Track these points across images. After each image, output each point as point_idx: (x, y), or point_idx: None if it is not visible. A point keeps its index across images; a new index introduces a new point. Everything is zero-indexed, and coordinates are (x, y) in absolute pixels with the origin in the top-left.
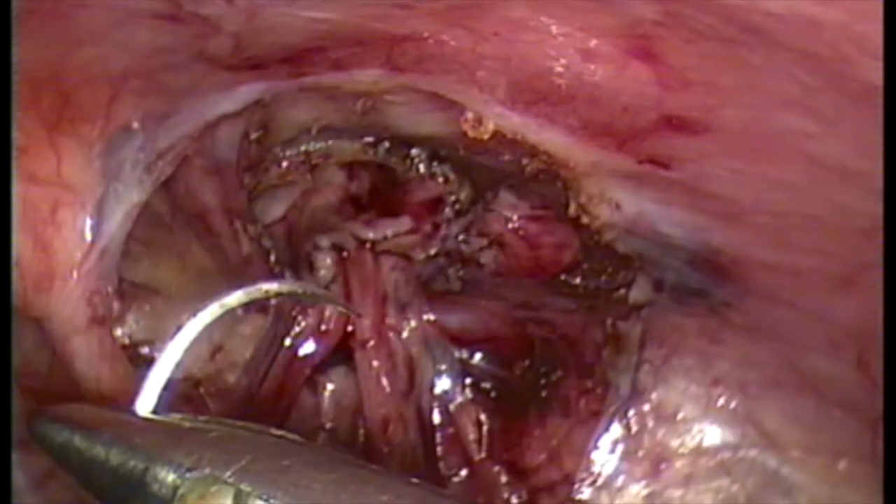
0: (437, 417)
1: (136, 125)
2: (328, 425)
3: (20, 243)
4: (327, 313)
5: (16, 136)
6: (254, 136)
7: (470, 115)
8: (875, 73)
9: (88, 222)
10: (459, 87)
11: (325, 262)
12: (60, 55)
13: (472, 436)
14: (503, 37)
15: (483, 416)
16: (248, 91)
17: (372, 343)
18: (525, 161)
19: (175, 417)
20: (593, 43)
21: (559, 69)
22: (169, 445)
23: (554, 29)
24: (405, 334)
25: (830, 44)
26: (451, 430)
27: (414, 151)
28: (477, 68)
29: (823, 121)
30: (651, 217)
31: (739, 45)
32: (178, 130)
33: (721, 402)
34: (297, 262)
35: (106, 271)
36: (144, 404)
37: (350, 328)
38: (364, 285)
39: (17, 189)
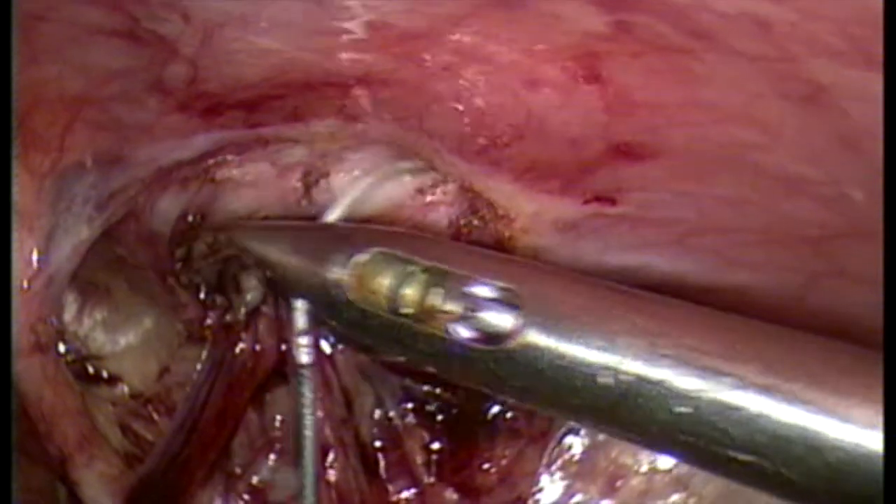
0: (381, 442)
1: (89, 163)
2: (277, 446)
3: None
4: (260, 333)
5: None
6: (191, 218)
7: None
8: (823, 71)
9: (35, 250)
10: (411, 135)
11: (252, 283)
12: (17, 72)
13: (419, 459)
14: (452, 71)
15: (430, 439)
16: (203, 140)
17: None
18: (463, 222)
19: None
20: (541, 69)
21: (507, 104)
22: None
23: (502, 57)
24: (340, 362)
25: (778, 44)
26: (397, 453)
27: None
28: (427, 114)
29: (768, 130)
30: (586, 268)
31: (686, 54)
32: (132, 173)
33: None
34: (225, 286)
35: (51, 300)
36: None
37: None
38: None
39: None
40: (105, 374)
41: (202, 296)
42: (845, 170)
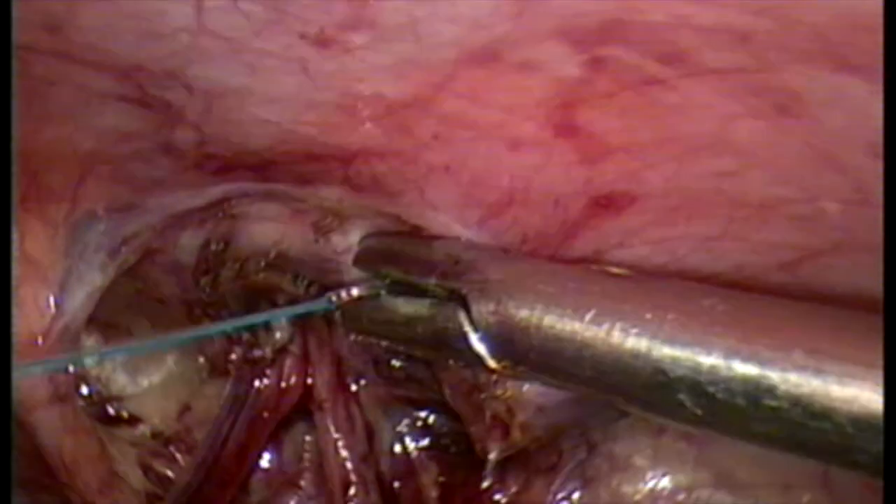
0: (398, 477)
1: (101, 211)
2: (301, 482)
3: None
4: (286, 371)
5: None
6: (214, 247)
7: None
8: (797, 77)
9: (50, 299)
10: (415, 207)
11: (282, 323)
12: (30, 132)
13: (434, 493)
14: (441, 140)
15: (443, 472)
16: (216, 190)
17: (329, 405)
18: None
19: None
20: (520, 128)
21: (494, 170)
22: None
23: (484, 119)
24: (363, 398)
25: (755, 53)
26: (412, 487)
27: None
28: (425, 185)
29: (740, 153)
30: None
31: (657, 85)
32: (144, 220)
33: (669, 450)
34: (254, 325)
35: (67, 349)
36: None
37: (310, 381)
38: (321, 345)
39: None
40: (125, 415)
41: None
42: (819, 183)
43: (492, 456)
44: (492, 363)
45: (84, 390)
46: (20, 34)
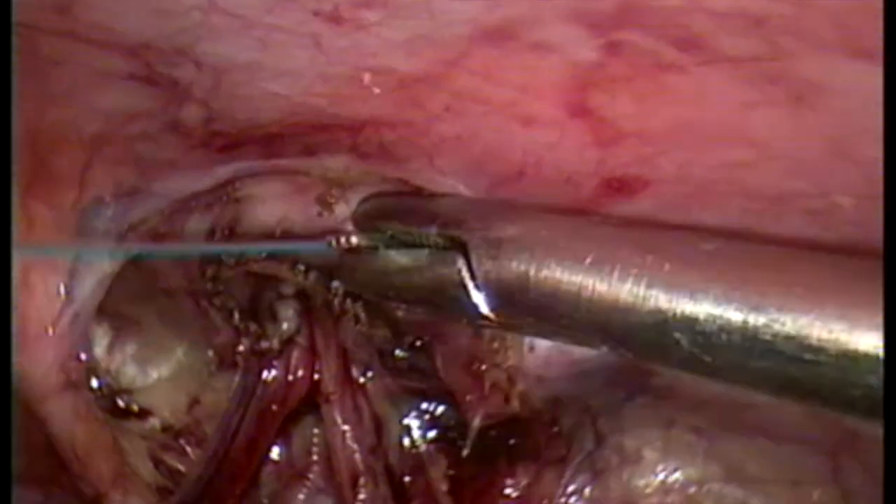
0: (408, 470)
1: (108, 197)
2: (310, 474)
3: None
4: (293, 363)
5: None
6: (218, 233)
7: None
8: (817, 67)
9: (60, 287)
10: (423, 173)
11: (288, 314)
12: (35, 115)
13: (444, 486)
14: (453, 112)
15: (452, 466)
16: (222, 171)
17: (336, 397)
18: None
19: None
20: (534, 106)
21: (506, 143)
22: None
23: (497, 96)
24: (370, 390)
25: (771, 40)
26: (422, 481)
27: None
28: (435, 153)
29: (757, 144)
30: None
31: (673, 71)
32: (150, 204)
33: (679, 443)
34: (261, 314)
35: (79, 337)
36: None
37: (317, 376)
38: (327, 337)
39: None
40: (135, 408)
41: (236, 320)
42: (834, 177)
43: (475, 423)
44: (489, 313)
45: (94, 383)
46: (27, 14)
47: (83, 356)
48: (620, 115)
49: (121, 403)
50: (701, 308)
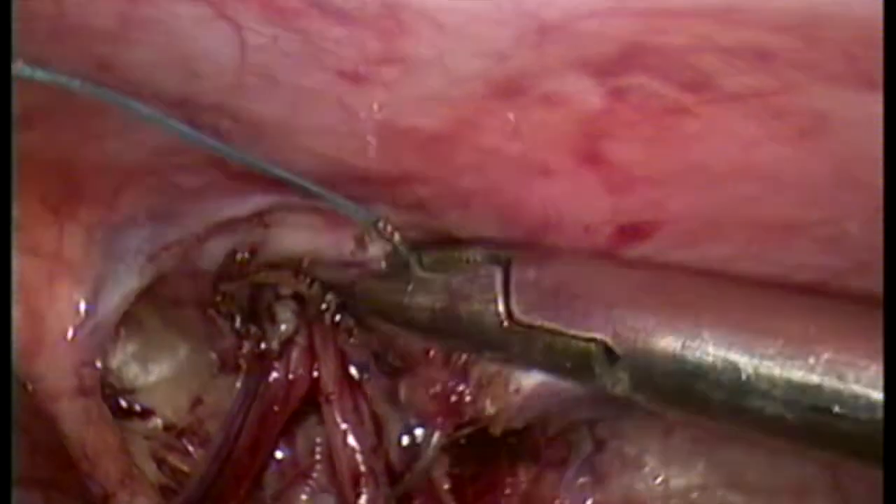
0: (408, 468)
1: (142, 218)
2: (314, 474)
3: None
4: (293, 363)
5: (17, 211)
6: (239, 256)
7: None
8: (822, 97)
9: (83, 298)
10: (458, 225)
11: (286, 315)
12: (72, 144)
13: (446, 485)
14: (478, 168)
15: (455, 465)
16: (260, 199)
17: (336, 396)
18: None
19: None
20: (550, 158)
21: (527, 198)
22: None
23: (515, 150)
24: (369, 390)
25: (778, 74)
26: (424, 480)
27: None
28: (465, 207)
29: (764, 178)
30: None
31: (679, 113)
32: (186, 227)
33: (679, 451)
34: (259, 316)
35: (96, 346)
36: None
37: (315, 374)
38: (325, 338)
39: (16, 259)
40: (137, 408)
41: (238, 325)
42: (843, 205)
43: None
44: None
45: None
46: (68, 66)
47: (98, 364)
48: (630, 161)
49: (123, 403)
50: None
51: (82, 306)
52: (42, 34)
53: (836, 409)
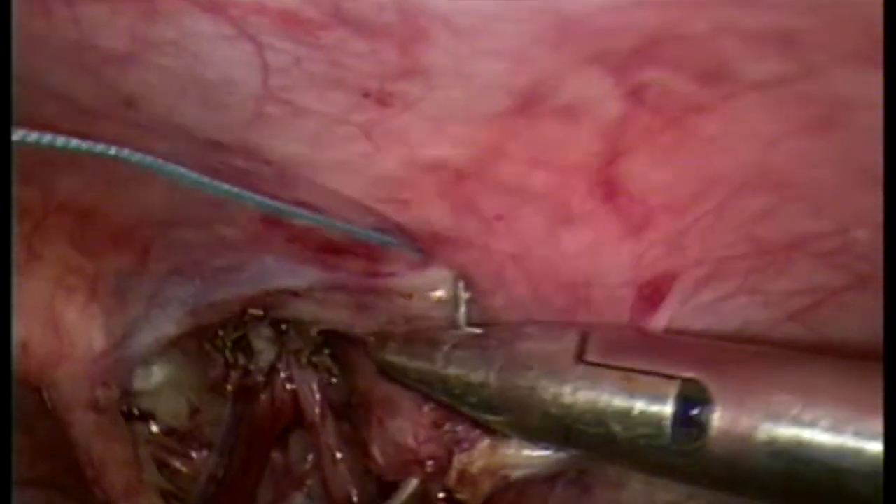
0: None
1: (192, 273)
2: (308, 481)
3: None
4: (277, 391)
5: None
6: (251, 312)
7: None
8: (846, 81)
9: (120, 329)
10: (488, 279)
11: (261, 344)
12: (103, 191)
13: (440, 494)
14: (507, 222)
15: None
16: (317, 274)
17: (319, 425)
18: None
19: None
20: (571, 202)
21: (556, 260)
22: None
23: (539, 186)
24: (353, 414)
25: (801, 58)
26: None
27: None
28: (506, 284)
29: (779, 186)
30: None
31: (698, 112)
32: (238, 290)
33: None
34: (241, 347)
35: (117, 375)
36: None
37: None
38: (303, 369)
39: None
40: (136, 412)
41: (227, 355)
42: (855, 209)
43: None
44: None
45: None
46: (95, 102)
47: (115, 390)
48: (648, 186)
49: (123, 407)
50: None
51: (117, 335)
52: (65, 63)
53: None
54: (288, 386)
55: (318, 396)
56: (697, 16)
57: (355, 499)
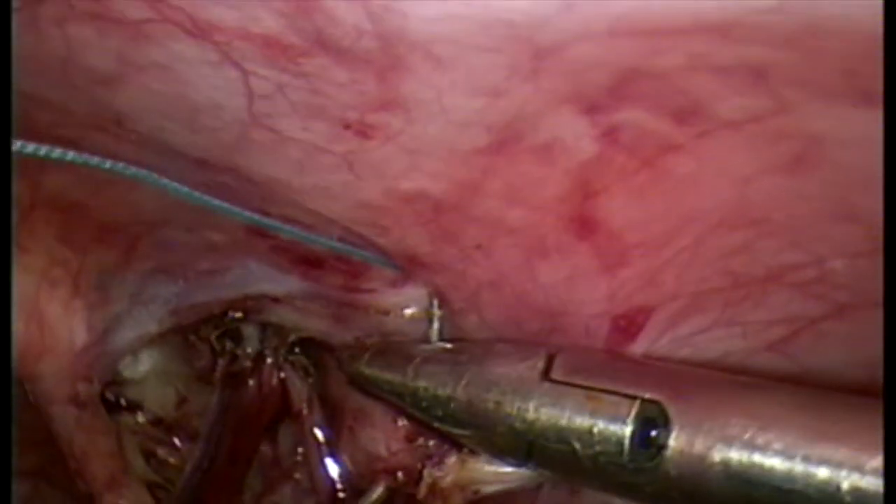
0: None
1: (177, 273)
2: (296, 474)
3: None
4: (264, 377)
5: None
6: (231, 315)
7: None
8: (818, 117)
9: (99, 324)
10: (463, 300)
11: (249, 330)
12: (93, 189)
13: (423, 492)
14: (484, 251)
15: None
16: (297, 284)
17: (306, 413)
18: None
19: None
20: (546, 234)
21: (531, 289)
22: None
23: (516, 221)
24: (341, 403)
25: (774, 93)
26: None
27: None
28: (476, 303)
29: (754, 222)
30: None
31: (673, 151)
32: (220, 293)
33: None
34: (229, 335)
35: (98, 370)
36: None
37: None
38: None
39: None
40: (124, 402)
41: (213, 344)
42: (832, 241)
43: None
44: None
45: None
46: (89, 119)
47: (96, 384)
48: (623, 223)
49: (110, 397)
50: None
51: (99, 330)
52: (57, 79)
53: None
54: (276, 374)
55: (305, 384)
56: (672, 48)
57: (340, 489)
